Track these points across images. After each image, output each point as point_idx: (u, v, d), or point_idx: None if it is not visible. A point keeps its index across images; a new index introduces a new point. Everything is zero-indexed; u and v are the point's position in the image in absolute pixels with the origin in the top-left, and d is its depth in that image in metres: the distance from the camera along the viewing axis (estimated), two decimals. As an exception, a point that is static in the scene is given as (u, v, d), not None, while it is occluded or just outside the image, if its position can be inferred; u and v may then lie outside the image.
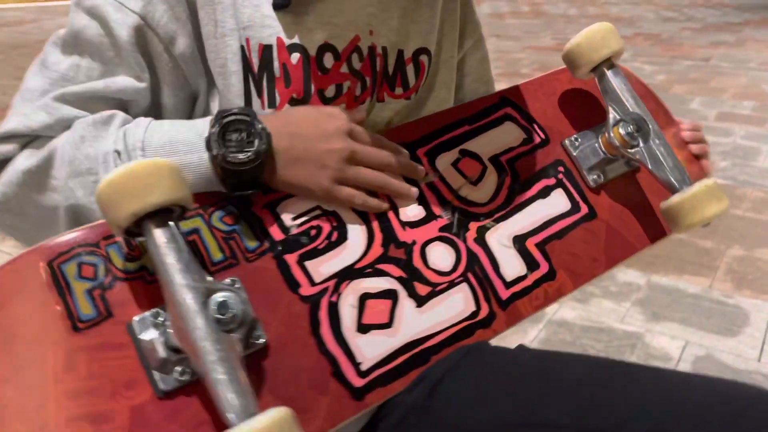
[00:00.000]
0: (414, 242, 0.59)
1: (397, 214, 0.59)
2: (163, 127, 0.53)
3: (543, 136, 0.69)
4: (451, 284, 0.59)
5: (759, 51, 4.49)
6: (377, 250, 0.57)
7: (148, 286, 0.48)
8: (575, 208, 0.67)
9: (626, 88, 0.66)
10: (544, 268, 0.63)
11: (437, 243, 0.60)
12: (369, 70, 0.61)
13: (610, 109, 0.66)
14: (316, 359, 0.51)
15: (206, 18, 0.55)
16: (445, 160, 0.64)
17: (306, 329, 0.52)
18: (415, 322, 0.56)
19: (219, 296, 0.44)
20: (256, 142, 0.50)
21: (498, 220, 0.63)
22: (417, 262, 0.58)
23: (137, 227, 0.44)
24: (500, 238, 0.63)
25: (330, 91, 0.59)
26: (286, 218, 0.55)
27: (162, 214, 0.45)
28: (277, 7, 0.56)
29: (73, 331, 0.46)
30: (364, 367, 0.53)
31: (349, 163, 0.54)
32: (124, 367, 0.46)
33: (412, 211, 0.60)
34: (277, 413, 0.38)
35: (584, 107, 0.72)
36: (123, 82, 0.55)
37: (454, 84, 0.72)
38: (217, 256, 0.51)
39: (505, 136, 0.68)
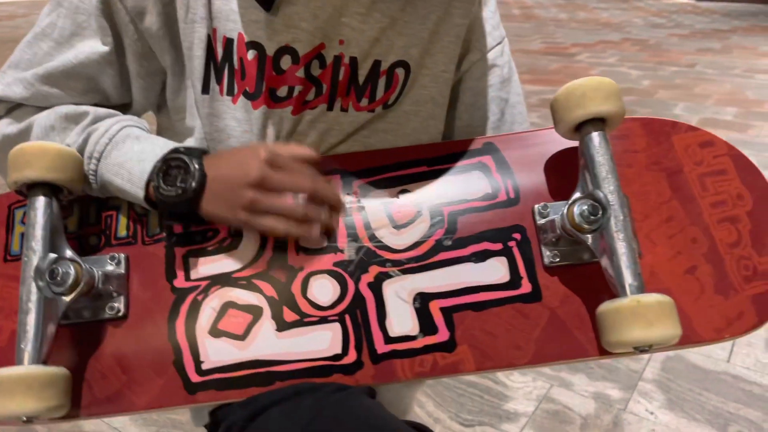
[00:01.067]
0: (301, 268, 0.59)
1: (297, 239, 0.59)
2: (125, 144, 0.59)
3: (512, 195, 0.61)
4: (323, 320, 0.57)
5: (745, 58, 4.54)
6: (260, 266, 0.58)
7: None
8: (513, 283, 0.58)
9: (602, 160, 0.54)
10: (441, 336, 0.56)
11: (324, 276, 0.58)
12: (329, 79, 0.61)
13: (579, 182, 0.57)
14: (163, 344, 0.56)
15: (180, 2, 0.59)
16: (378, 197, 0.60)
17: (164, 316, 0.57)
18: (269, 343, 0.56)
19: (59, 265, 0.52)
20: (189, 180, 0.55)
21: (406, 272, 0.58)
22: (294, 288, 0.58)
23: (28, 190, 0.55)
24: (399, 290, 0.58)
25: (282, 92, 0.61)
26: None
27: (42, 187, 0.55)
28: (259, 3, 0.58)
29: (2, 261, 0.60)
30: (204, 366, 0.56)
31: (263, 191, 0.55)
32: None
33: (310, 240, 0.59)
34: (19, 370, 0.50)
35: (574, 173, 0.60)
36: (88, 46, 0.60)
37: (446, 102, 0.69)
38: (122, 233, 0.60)
39: (463, 187, 0.61)
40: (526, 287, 0.58)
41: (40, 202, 0.55)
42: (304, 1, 0.58)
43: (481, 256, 0.58)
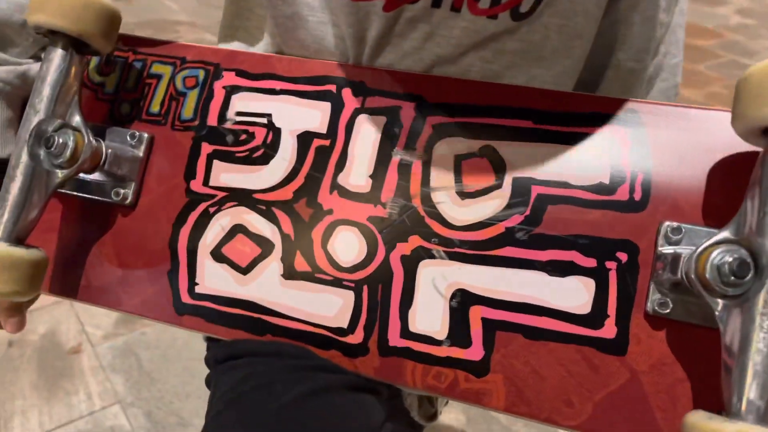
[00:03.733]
0: (330, 211, 0.47)
1: (337, 172, 0.47)
2: None
3: (638, 196, 0.43)
4: (336, 282, 0.46)
5: None
6: (287, 193, 0.48)
7: (96, 102, 0.53)
8: (593, 320, 0.42)
9: None
10: (474, 353, 0.43)
11: (353, 229, 0.46)
12: None
13: (739, 213, 0.37)
14: (162, 249, 0.50)
15: None
16: (453, 147, 0.45)
17: (171, 219, 0.50)
18: (271, 288, 0.47)
19: (60, 133, 0.46)
20: None
21: (453, 257, 0.44)
22: (316, 233, 0.47)
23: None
24: (438, 277, 0.44)
25: None
26: (233, 108, 0.50)
27: (61, 38, 0.47)
28: None
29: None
30: (198, 290, 0.49)
31: None
32: None
33: (356, 180, 0.47)
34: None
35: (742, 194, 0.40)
36: None
37: (600, 16, 0.49)
38: (155, 108, 0.52)
39: (572, 164, 0.43)
40: (609, 330, 0.42)
41: (56, 54, 0.47)
42: None
43: (562, 269, 0.43)
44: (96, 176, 0.51)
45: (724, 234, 0.36)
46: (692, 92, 2.54)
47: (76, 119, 0.48)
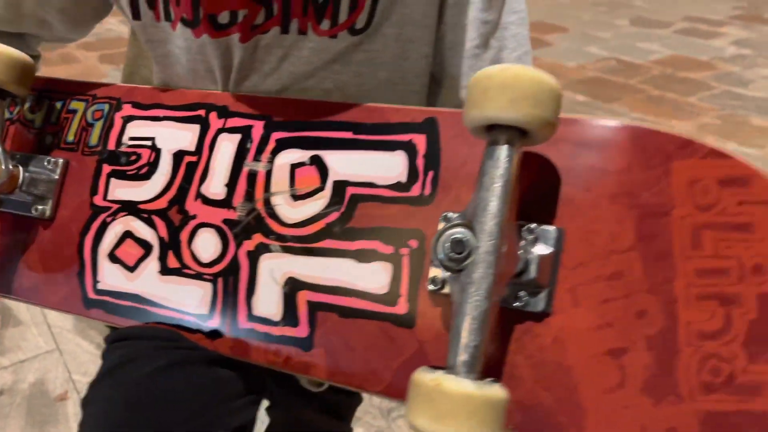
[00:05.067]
0: (194, 216, 0.56)
1: (201, 182, 0.56)
2: None
3: (428, 191, 0.48)
4: (198, 276, 0.55)
5: None
6: (162, 203, 0.57)
7: (28, 135, 0.64)
8: (390, 299, 0.48)
9: (493, 181, 0.39)
10: (300, 331, 0.50)
11: (211, 231, 0.55)
12: None
13: (471, 201, 0.42)
14: (72, 255, 0.59)
15: None
16: (290, 157, 0.53)
17: (79, 228, 0.59)
18: (151, 283, 0.56)
19: None
20: None
21: (286, 250, 0.52)
22: (183, 235, 0.56)
23: None
24: (275, 268, 0.52)
25: (223, 18, 0.54)
26: (127, 134, 0.60)
27: None
28: None
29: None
30: (99, 286, 0.58)
31: None
32: None
33: (215, 188, 0.55)
34: None
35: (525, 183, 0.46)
36: None
37: (433, 23, 0.57)
38: (71, 138, 0.62)
39: (379, 167, 0.51)
40: (401, 307, 0.48)
41: None
42: None
43: (367, 257, 0.50)
44: (18, 196, 0.60)
45: (457, 218, 0.42)
46: (684, 124, 2.56)
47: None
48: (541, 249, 0.42)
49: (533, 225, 0.43)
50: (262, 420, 0.86)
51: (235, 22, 0.54)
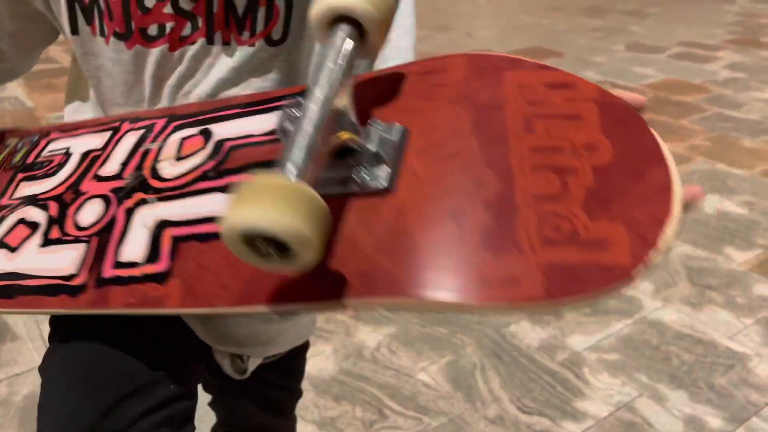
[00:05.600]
0: (84, 192, 0.58)
1: (99, 167, 0.59)
2: None
3: None
4: (76, 240, 0.55)
5: None
6: (60, 189, 0.59)
7: None
8: None
9: (327, 64, 0.44)
10: (161, 265, 0.50)
11: (97, 200, 0.57)
12: (203, 11, 0.59)
13: None
14: None
15: None
16: (182, 134, 0.58)
17: None
18: (29, 257, 0.56)
19: None
20: None
21: (162, 200, 0.54)
22: (70, 209, 0.58)
23: None
24: (146, 216, 0.53)
25: (152, 30, 0.60)
26: (48, 149, 0.64)
27: None
28: None
29: None
30: None
31: None
32: None
33: (110, 169, 0.58)
34: None
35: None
36: None
37: None
38: (14, 159, 0.67)
39: (256, 124, 0.55)
40: None
41: None
42: None
43: (234, 187, 0.50)
44: None
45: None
46: (675, 146, 2.60)
47: None
48: (386, 135, 0.46)
49: (379, 122, 0.47)
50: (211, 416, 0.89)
51: (163, 35, 0.60)
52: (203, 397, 0.86)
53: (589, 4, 5.36)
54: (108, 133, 0.62)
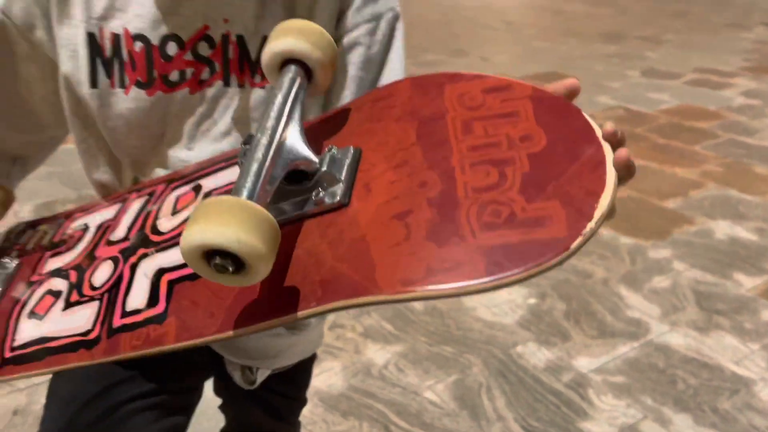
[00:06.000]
0: (98, 258, 0.63)
1: (110, 233, 0.65)
2: None
3: None
4: (91, 299, 0.60)
5: None
6: (79, 258, 0.65)
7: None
8: None
9: (276, 97, 0.50)
10: (160, 307, 0.54)
11: (108, 261, 0.62)
12: (220, 57, 0.65)
13: None
14: (2, 325, 0.64)
15: (58, 12, 0.65)
16: (177, 193, 0.63)
17: (12, 302, 0.66)
18: (55, 321, 0.61)
19: None
20: None
21: (160, 251, 0.58)
22: (87, 273, 0.63)
23: None
24: (148, 267, 0.58)
25: (173, 76, 0.65)
26: (70, 228, 0.71)
27: None
28: None
29: None
30: (14, 344, 0.62)
31: None
32: None
33: (119, 233, 0.64)
34: None
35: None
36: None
37: (337, 76, 0.68)
38: (30, 246, 0.73)
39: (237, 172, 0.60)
40: None
41: None
42: None
43: None
44: None
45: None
46: (687, 171, 2.61)
47: None
48: (339, 157, 0.51)
49: (334, 147, 0.52)
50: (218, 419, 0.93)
51: (184, 80, 0.65)
52: (215, 400, 0.90)
53: (605, 30, 5.40)
54: (118, 205, 0.68)
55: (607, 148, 0.44)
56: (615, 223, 2.20)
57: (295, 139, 0.49)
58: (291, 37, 0.52)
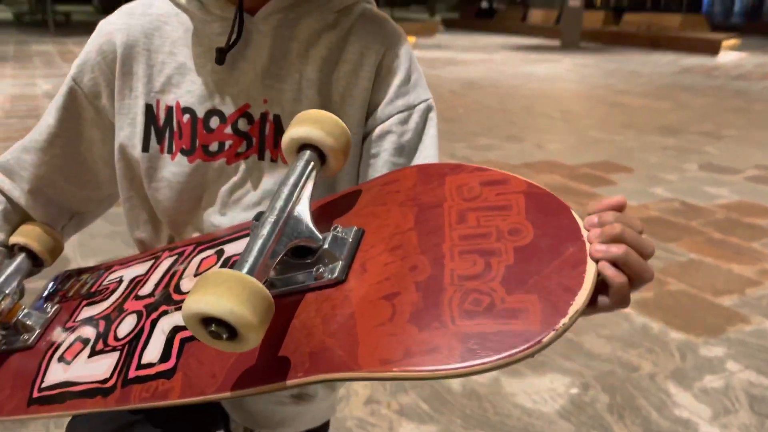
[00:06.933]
0: (126, 309, 0.67)
1: (140, 288, 0.69)
2: None
3: None
4: (113, 349, 0.64)
5: None
6: (109, 309, 0.70)
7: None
8: None
9: (288, 178, 0.55)
10: (170, 363, 0.58)
11: (133, 315, 0.66)
12: (257, 133, 0.71)
13: None
14: (35, 365, 0.69)
15: (121, 85, 0.74)
16: (202, 255, 0.67)
17: (47, 346, 0.71)
18: (80, 367, 0.65)
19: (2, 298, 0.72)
20: None
21: (178, 309, 0.61)
22: (113, 324, 0.67)
23: None
24: (166, 324, 0.62)
25: (213, 147, 0.72)
26: (107, 280, 0.76)
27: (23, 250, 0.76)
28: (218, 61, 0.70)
29: None
30: (42, 385, 0.66)
31: None
32: None
33: (147, 289, 0.69)
34: None
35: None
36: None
37: (357, 161, 0.73)
38: (70, 294, 0.79)
39: None
40: None
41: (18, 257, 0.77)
42: (228, 69, 0.70)
43: None
44: (11, 331, 0.75)
45: None
46: (744, 268, 2.54)
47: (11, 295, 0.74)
48: (342, 236, 0.54)
49: (339, 227, 0.56)
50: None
51: (222, 150, 0.71)
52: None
53: (663, 124, 5.41)
54: (151, 261, 0.74)
55: (589, 248, 0.46)
56: (665, 317, 2.14)
57: (302, 218, 0.54)
58: (307, 125, 0.58)
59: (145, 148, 0.73)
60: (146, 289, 0.69)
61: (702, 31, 13.27)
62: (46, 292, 0.82)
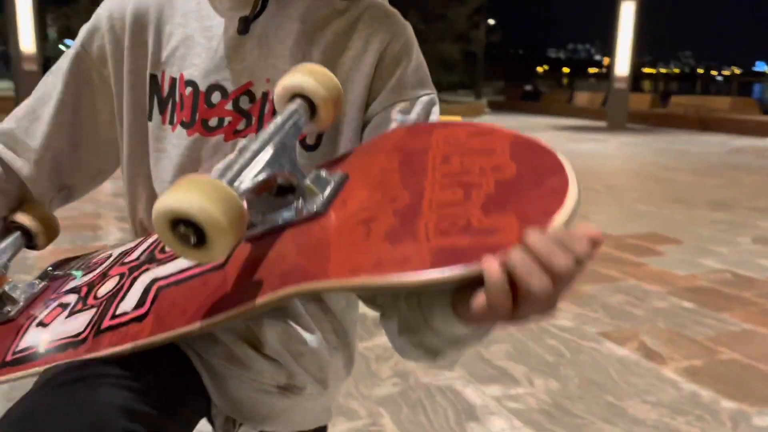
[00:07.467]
0: (109, 276, 0.69)
1: (127, 257, 0.71)
2: None
3: None
4: (91, 307, 0.65)
5: None
6: (94, 277, 0.71)
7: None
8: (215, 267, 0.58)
9: (278, 116, 0.58)
10: (144, 309, 0.59)
11: (116, 277, 0.67)
12: (257, 112, 0.72)
13: None
14: (14, 334, 0.68)
15: (136, 55, 0.75)
16: None
17: (32, 318, 0.70)
18: (56, 327, 0.65)
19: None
20: None
21: (161, 265, 0.63)
22: (95, 287, 0.68)
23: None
24: (146, 278, 0.63)
25: (213, 122, 0.72)
26: (100, 256, 0.78)
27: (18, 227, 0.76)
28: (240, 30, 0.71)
29: None
30: (16, 349, 0.66)
31: None
32: None
33: (133, 256, 0.70)
34: None
35: None
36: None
37: (357, 144, 0.74)
38: (72, 269, 0.79)
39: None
40: (219, 263, 0.57)
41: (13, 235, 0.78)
42: (235, 45, 0.71)
43: None
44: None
45: None
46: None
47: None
48: (325, 176, 0.55)
49: (324, 170, 0.57)
50: None
51: (221, 127, 0.72)
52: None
53: (713, 198, 5.29)
54: (140, 239, 0.76)
55: (573, 180, 0.46)
56: (717, 385, 2.02)
57: (286, 152, 0.55)
58: (300, 75, 0.60)
59: (149, 116, 0.75)
60: (132, 256, 0.71)
61: (753, 114, 13.14)
62: (39, 274, 0.84)
